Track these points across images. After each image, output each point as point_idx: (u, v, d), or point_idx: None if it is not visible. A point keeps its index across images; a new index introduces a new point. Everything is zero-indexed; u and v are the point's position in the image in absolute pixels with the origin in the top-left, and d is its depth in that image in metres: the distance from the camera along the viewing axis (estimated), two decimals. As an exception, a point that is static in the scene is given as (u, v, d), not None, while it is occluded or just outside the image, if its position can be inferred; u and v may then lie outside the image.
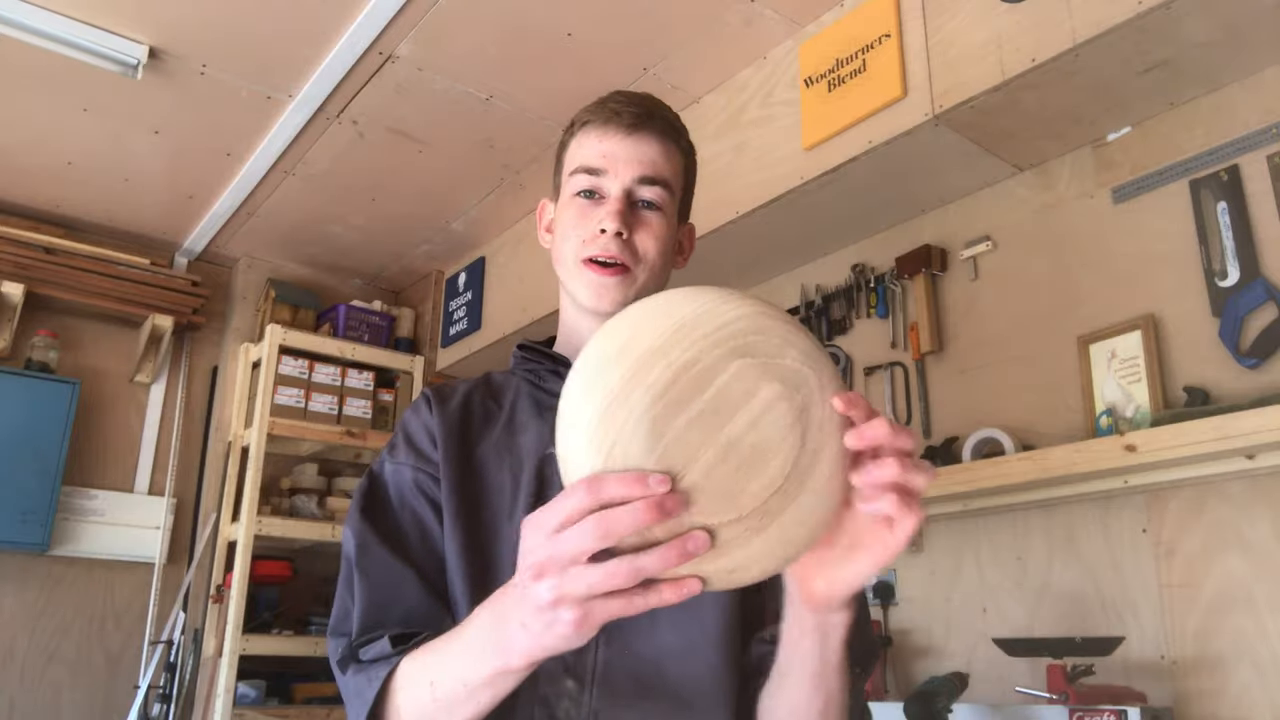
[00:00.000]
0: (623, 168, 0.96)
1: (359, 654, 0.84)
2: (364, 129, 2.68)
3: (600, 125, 0.98)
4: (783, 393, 0.58)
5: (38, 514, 2.96)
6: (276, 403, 3.13)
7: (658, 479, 0.54)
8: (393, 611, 0.86)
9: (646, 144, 0.97)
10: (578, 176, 0.97)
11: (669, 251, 1.00)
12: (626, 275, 0.95)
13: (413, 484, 0.93)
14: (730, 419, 0.57)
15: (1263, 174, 1.65)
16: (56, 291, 3.11)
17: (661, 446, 0.55)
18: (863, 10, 2.05)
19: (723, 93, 2.44)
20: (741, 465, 0.56)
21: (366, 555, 0.90)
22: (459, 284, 3.48)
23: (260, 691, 3.00)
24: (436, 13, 2.18)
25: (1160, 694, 1.62)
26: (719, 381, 0.57)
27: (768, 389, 0.57)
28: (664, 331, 0.58)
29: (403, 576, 0.88)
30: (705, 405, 0.56)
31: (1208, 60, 1.66)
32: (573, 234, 0.97)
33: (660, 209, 0.98)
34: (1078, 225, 1.93)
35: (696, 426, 0.56)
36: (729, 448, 0.56)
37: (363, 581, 0.88)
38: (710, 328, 0.58)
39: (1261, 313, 1.60)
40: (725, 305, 0.59)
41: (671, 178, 0.99)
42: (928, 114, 1.86)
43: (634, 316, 0.61)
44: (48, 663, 3.03)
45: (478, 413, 0.98)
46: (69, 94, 2.54)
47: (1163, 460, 1.56)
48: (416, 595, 0.87)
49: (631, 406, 0.55)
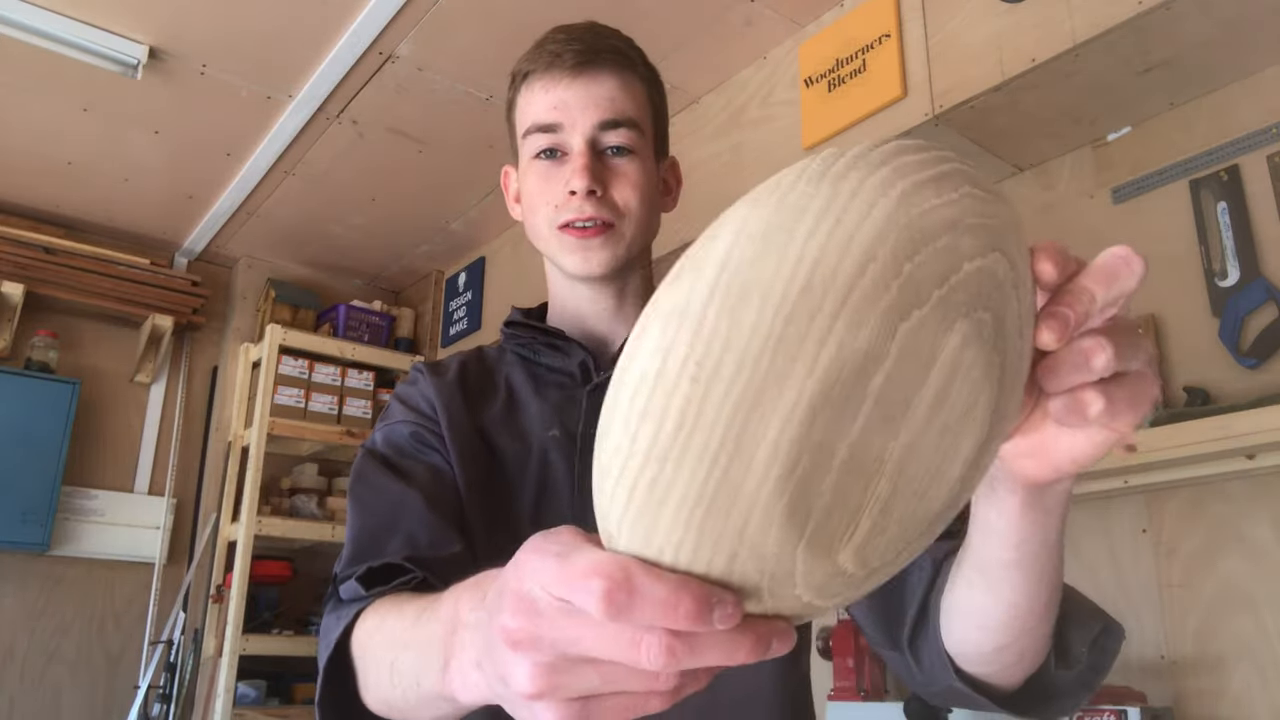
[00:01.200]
0: (579, 116, 0.84)
1: (339, 589, 0.72)
2: (364, 129, 2.68)
3: (543, 73, 0.86)
4: (970, 332, 0.35)
5: (38, 514, 2.96)
6: (276, 403, 3.13)
7: (726, 609, 0.33)
8: (392, 539, 0.74)
9: (599, 82, 0.85)
10: (533, 137, 0.87)
11: (653, 196, 0.89)
12: (610, 231, 0.85)
13: (412, 436, 0.84)
14: (900, 426, 0.35)
15: (1263, 174, 1.65)
16: (56, 291, 3.11)
17: (805, 539, 0.34)
18: (863, 10, 2.05)
19: (723, 93, 2.44)
20: (914, 495, 0.36)
21: (361, 483, 0.80)
22: (459, 284, 3.48)
23: (260, 691, 3.00)
24: (436, 13, 2.18)
25: (1160, 694, 1.62)
26: (876, 382, 0.34)
27: (951, 341, 0.35)
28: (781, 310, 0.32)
29: (404, 497, 0.77)
30: (858, 436, 0.34)
31: (1208, 60, 1.66)
32: (541, 201, 0.86)
33: (633, 152, 0.86)
34: (1078, 225, 1.93)
35: (850, 476, 0.34)
36: (898, 478, 0.35)
37: (357, 509, 0.78)
38: (849, 274, 0.32)
39: (1261, 313, 1.60)
40: (854, 205, 0.33)
41: (636, 114, 0.87)
42: (928, 114, 1.86)
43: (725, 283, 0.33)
44: (48, 663, 3.03)
45: (474, 385, 0.90)
46: (69, 94, 2.54)
47: (1163, 460, 1.56)
48: (420, 515, 0.76)
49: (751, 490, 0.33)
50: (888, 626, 0.73)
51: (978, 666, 0.63)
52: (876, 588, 0.39)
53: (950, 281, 0.34)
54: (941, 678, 0.65)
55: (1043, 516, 0.51)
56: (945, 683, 0.65)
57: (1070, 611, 0.63)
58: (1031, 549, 0.53)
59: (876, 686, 2.00)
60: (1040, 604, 0.57)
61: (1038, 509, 0.51)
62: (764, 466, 0.32)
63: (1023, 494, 0.49)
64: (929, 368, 0.35)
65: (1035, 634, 0.59)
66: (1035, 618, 0.57)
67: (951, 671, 0.64)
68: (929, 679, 0.68)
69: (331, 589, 0.74)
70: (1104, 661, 0.64)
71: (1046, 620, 0.59)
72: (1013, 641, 0.59)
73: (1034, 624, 0.58)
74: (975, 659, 0.63)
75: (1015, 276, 0.38)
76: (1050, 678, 0.63)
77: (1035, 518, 0.51)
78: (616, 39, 0.89)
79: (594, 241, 0.84)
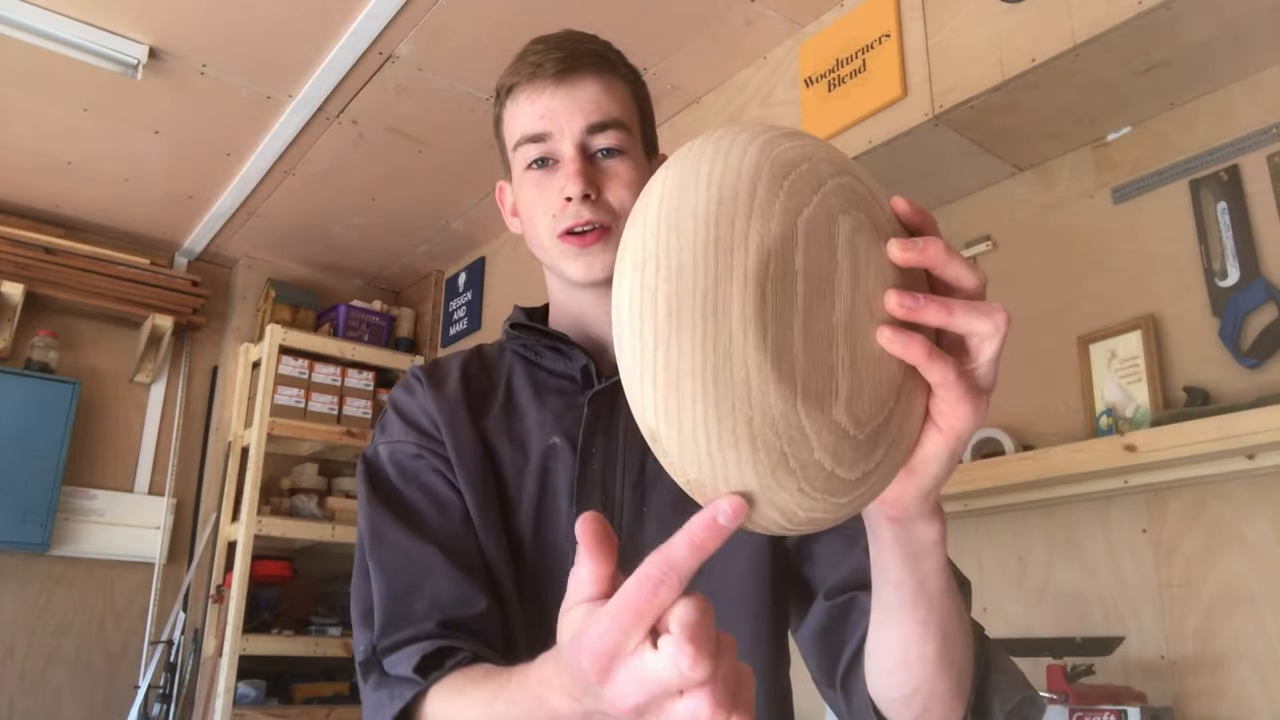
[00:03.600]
0: (565, 122, 0.86)
1: (382, 662, 0.74)
2: (364, 129, 2.68)
3: (527, 84, 0.87)
4: (854, 224, 0.47)
5: (38, 514, 2.96)
6: (276, 403, 3.13)
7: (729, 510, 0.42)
8: (418, 601, 0.76)
9: (583, 88, 0.86)
10: (523, 148, 0.87)
11: None
12: (607, 235, 0.86)
13: (413, 459, 0.85)
14: (834, 300, 0.45)
15: (1263, 174, 1.65)
16: (56, 291, 3.11)
17: (799, 394, 0.43)
18: (863, 10, 2.05)
19: (723, 93, 2.44)
20: (871, 358, 0.46)
21: (381, 542, 0.81)
22: (459, 284, 3.48)
23: (260, 691, 3.00)
24: (436, 13, 2.18)
25: (1160, 694, 1.62)
26: (799, 260, 0.44)
27: (842, 228, 0.46)
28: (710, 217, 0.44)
29: (424, 558, 0.78)
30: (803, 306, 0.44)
31: (1208, 60, 1.66)
32: (539, 211, 0.87)
33: (623, 152, 0.87)
34: (1078, 225, 1.93)
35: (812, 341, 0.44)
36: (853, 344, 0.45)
37: (380, 572, 0.79)
38: (747, 189, 0.44)
39: (1261, 313, 1.60)
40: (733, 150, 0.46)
41: (623, 115, 0.88)
42: (928, 114, 1.86)
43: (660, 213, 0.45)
44: (48, 663, 3.03)
45: (476, 393, 0.90)
46: (69, 94, 2.54)
47: (1163, 460, 1.56)
48: (443, 577, 0.77)
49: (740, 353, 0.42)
50: (828, 662, 0.76)
51: (891, 714, 0.66)
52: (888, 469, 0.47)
53: (822, 190, 0.46)
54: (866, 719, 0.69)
55: (913, 561, 0.56)
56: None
57: (993, 677, 0.67)
58: (908, 592, 0.58)
59: (876, 686, 2.00)
60: (930, 652, 0.60)
61: (904, 550, 0.56)
62: (741, 332, 0.42)
63: (886, 532, 0.56)
64: (834, 250, 0.45)
65: (935, 687, 0.62)
66: (929, 667, 0.61)
67: (873, 715, 0.68)
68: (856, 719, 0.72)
69: (368, 656, 0.76)
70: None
71: (943, 674, 0.61)
72: (913, 692, 0.63)
73: (930, 674, 0.61)
74: (887, 704, 0.66)
75: (871, 194, 0.48)
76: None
77: (905, 560, 0.56)
78: (594, 43, 0.90)
79: (594, 247, 0.85)
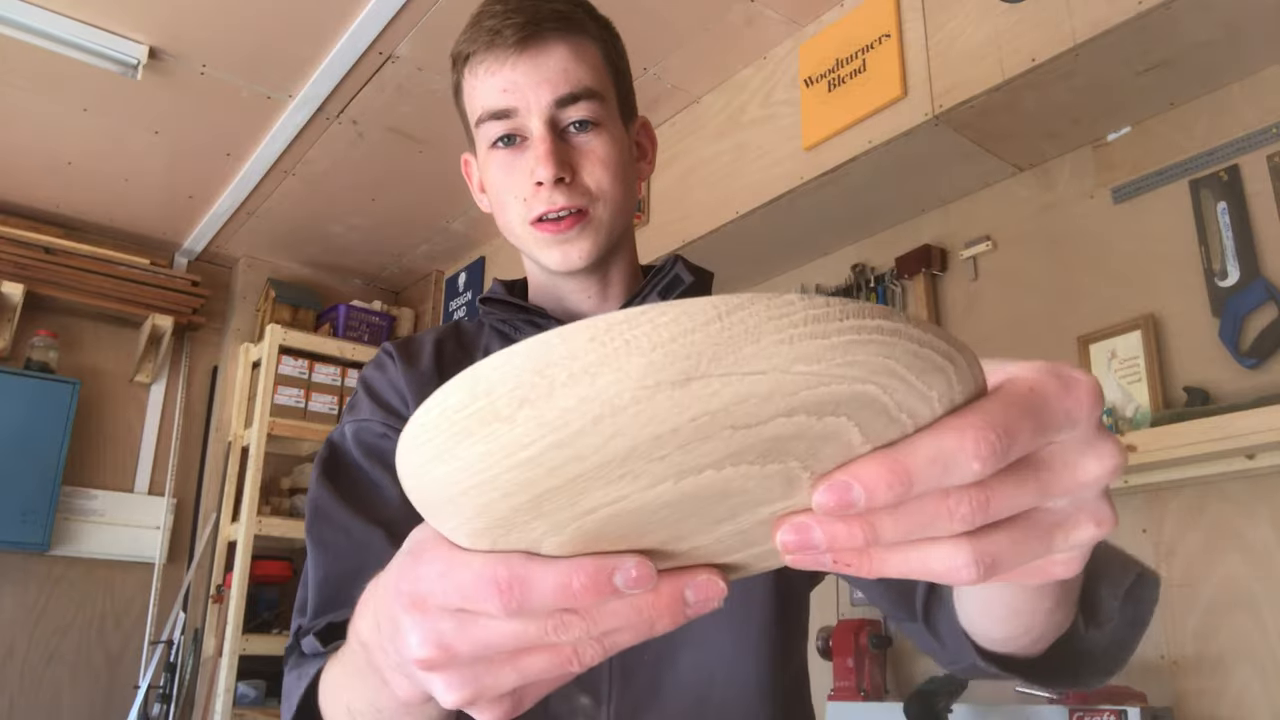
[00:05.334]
0: (532, 96, 0.76)
1: (301, 644, 0.68)
2: (364, 129, 2.68)
3: (485, 53, 0.77)
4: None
5: (38, 514, 2.96)
6: (276, 403, 3.13)
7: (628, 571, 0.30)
8: (357, 583, 0.66)
9: (549, 54, 0.77)
10: (486, 125, 0.79)
11: (627, 167, 0.81)
12: (584, 219, 0.78)
13: (378, 438, 0.79)
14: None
15: (1263, 174, 1.65)
16: (56, 291, 3.11)
17: None
18: (863, 10, 2.05)
19: (723, 93, 2.44)
20: None
21: (323, 520, 0.75)
22: (459, 284, 3.49)
23: (260, 691, 3.00)
24: (436, 13, 2.18)
25: (1160, 694, 1.62)
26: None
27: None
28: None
29: (368, 539, 0.72)
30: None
31: (1207, 60, 1.66)
32: (508, 196, 0.79)
33: (598, 125, 0.78)
34: (1078, 225, 1.93)
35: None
36: None
37: (320, 552, 0.74)
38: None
39: (1261, 313, 1.60)
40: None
41: (595, 82, 0.78)
42: (928, 114, 1.86)
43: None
44: (48, 663, 3.03)
45: (450, 368, 0.82)
46: (69, 94, 2.54)
47: (1163, 460, 1.56)
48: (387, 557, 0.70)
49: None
50: (901, 598, 0.69)
51: (995, 647, 0.59)
52: None
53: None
54: (965, 656, 0.61)
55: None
56: (968, 660, 0.61)
57: (1097, 567, 0.57)
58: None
59: (876, 686, 2.00)
60: (1048, 606, 0.51)
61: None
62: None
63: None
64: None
65: (1048, 623, 0.53)
66: (1042, 615, 0.52)
67: (972, 650, 0.60)
68: (953, 656, 0.64)
69: (293, 641, 0.70)
70: (1141, 613, 0.58)
71: (1058, 610, 0.53)
72: (1022, 633, 0.55)
73: (1041, 619, 0.53)
74: (988, 642, 0.59)
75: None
76: (1081, 643, 0.58)
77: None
78: (559, 2, 0.79)
79: (570, 234, 0.78)
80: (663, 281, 0.85)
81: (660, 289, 0.84)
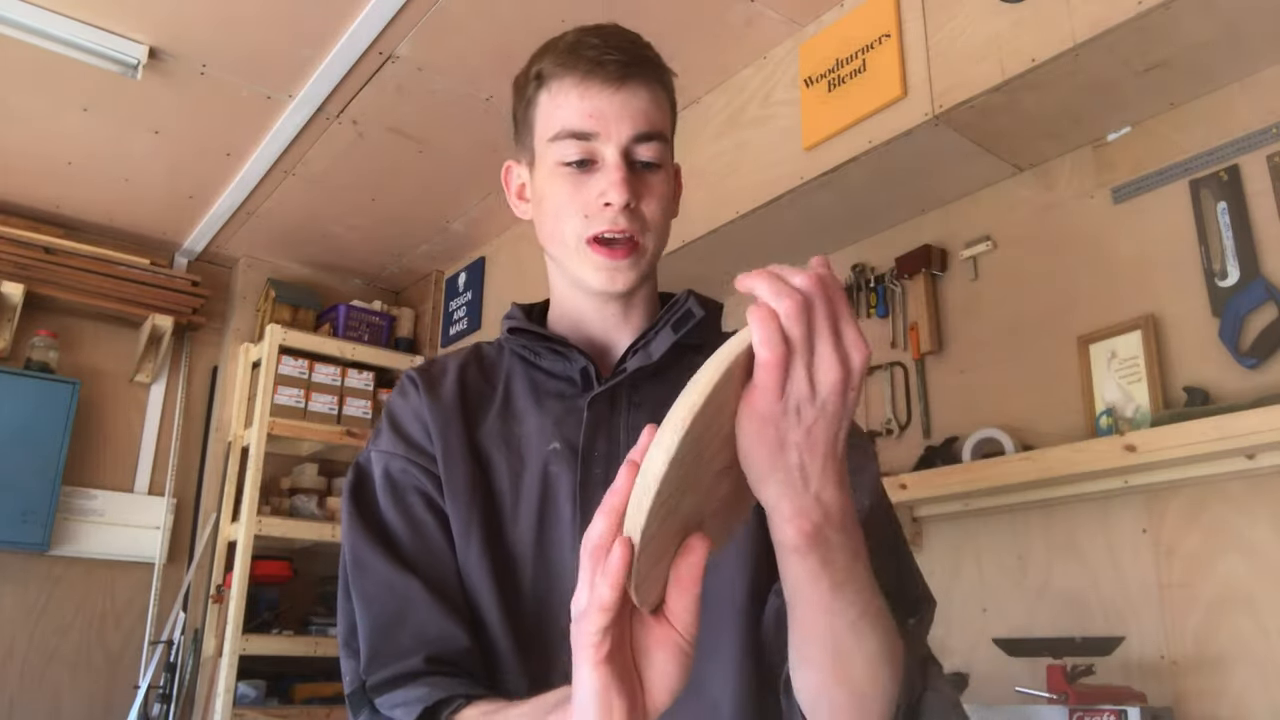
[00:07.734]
0: (614, 128, 0.83)
1: (372, 698, 0.75)
2: (364, 129, 2.68)
3: (582, 78, 0.84)
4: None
5: (38, 514, 2.96)
6: (276, 403, 3.13)
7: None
8: (401, 633, 0.77)
9: (637, 95, 0.84)
10: (563, 143, 0.84)
11: (671, 205, 0.90)
12: (636, 251, 0.85)
13: (402, 474, 0.84)
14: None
15: (1263, 174, 1.65)
16: (56, 291, 3.11)
17: None
18: (863, 10, 2.05)
19: (723, 93, 2.44)
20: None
21: (364, 570, 0.81)
22: (459, 284, 3.49)
23: (260, 691, 3.00)
24: (436, 13, 2.18)
25: (1160, 694, 1.62)
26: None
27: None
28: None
29: (407, 590, 0.79)
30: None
31: (1207, 60, 1.66)
32: (571, 211, 0.85)
33: (661, 167, 0.86)
34: (1078, 225, 1.93)
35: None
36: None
37: (363, 601, 0.80)
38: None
39: (1261, 313, 1.60)
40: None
41: (665, 128, 0.87)
42: (928, 114, 1.86)
43: None
44: (48, 663, 3.03)
45: (473, 396, 0.88)
46: (69, 94, 2.54)
47: (1163, 460, 1.56)
48: (425, 610, 0.78)
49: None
50: (775, 664, 0.76)
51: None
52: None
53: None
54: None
55: (810, 576, 0.57)
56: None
57: (926, 696, 0.69)
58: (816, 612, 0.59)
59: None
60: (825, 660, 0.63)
61: (806, 562, 0.57)
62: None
63: (786, 544, 0.57)
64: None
65: (832, 696, 0.65)
66: (824, 674, 0.64)
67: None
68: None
69: (357, 689, 0.76)
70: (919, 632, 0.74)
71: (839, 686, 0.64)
72: (816, 695, 0.65)
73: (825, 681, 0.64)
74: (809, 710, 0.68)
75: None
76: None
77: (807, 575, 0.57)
78: (649, 49, 0.89)
79: (623, 263, 0.84)
80: (675, 315, 0.89)
81: (673, 323, 0.89)
